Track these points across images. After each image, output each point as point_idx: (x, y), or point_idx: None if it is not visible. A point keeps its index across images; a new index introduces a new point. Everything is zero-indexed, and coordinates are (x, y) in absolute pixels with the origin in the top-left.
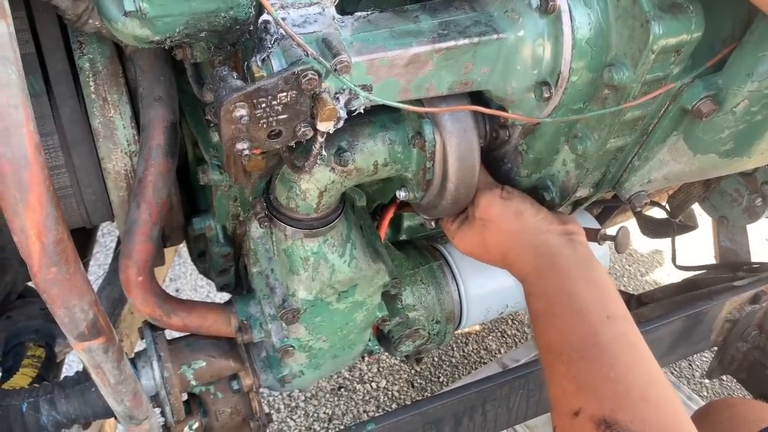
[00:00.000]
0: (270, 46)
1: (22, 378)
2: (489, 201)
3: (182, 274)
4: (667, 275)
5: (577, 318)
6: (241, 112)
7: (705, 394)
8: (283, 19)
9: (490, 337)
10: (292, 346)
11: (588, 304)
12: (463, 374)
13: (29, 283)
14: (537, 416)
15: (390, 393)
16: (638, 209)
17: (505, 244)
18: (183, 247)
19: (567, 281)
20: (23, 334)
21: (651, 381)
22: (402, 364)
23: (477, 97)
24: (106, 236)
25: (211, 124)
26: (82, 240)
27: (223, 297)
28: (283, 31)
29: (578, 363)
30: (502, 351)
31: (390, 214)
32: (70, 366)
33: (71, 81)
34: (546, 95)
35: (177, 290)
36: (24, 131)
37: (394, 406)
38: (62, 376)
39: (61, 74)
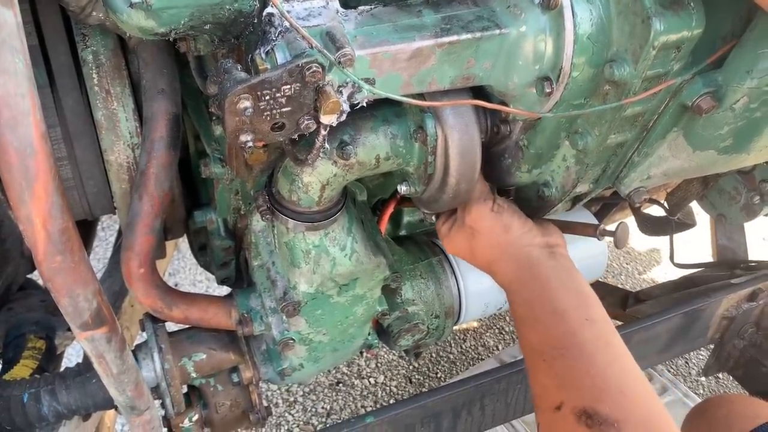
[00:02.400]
0: (274, 38)
1: (22, 369)
2: (480, 213)
3: (181, 269)
4: (664, 273)
5: (557, 320)
6: (246, 104)
7: (701, 391)
8: (288, 12)
9: (487, 334)
10: (293, 339)
11: (568, 308)
12: (460, 370)
13: (30, 276)
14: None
15: (388, 388)
16: (637, 205)
17: (490, 254)
18: (182, 242)
19: (548, 289)
20: (24, 325)
21: (628, 375)
22: (400, 360)
23: (478, 92)
24: (106, 230)
25: (214, 117)
26: (82, 233)
27: (223, 291)
28: (287, 24)
29: (559, 360)
30: (500, 347)
31: (390, 209)
32: (69, 360)
33: (74, 73)
34: (547, 90)
35: (176, 284)
36: (31, 120)
37: (392, 401)
38: (62, 369)
39: (64, 66)
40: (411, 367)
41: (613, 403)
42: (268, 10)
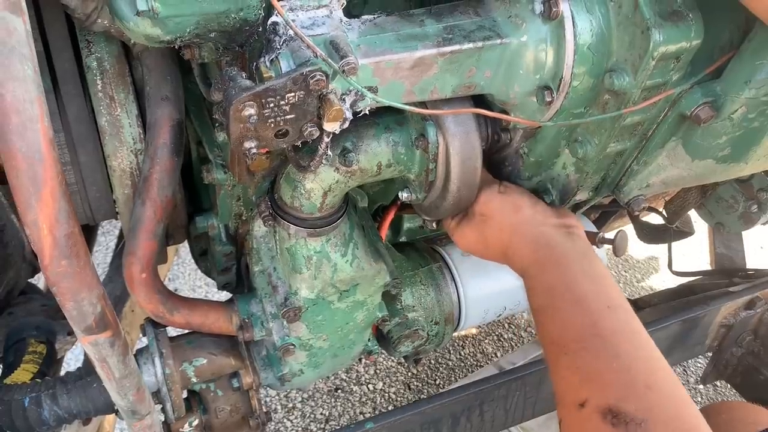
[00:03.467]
0: (279, 47)
1: (23, 373)
2: (487, 196)
3: (180, 275)
4: (662, 281)
5: (577, 309)
6: (250, 111)
7: (699, 399)
8: (292, 21)
9: (486, 341)
10: (293, 345)
11: (588, 295)
12: (459, 377)
13: (31, 280)
14: (534, 417)
15: (387, 395)
16: (636, 213)
17: (504, 238)
18: (181, 248)
19: (566, 274)
20: (25, 330)
21: (654, 368)
22: (399, 367)
23: (479, 100)
24: (106, 235)
25: (217, 124)
26: None
27: (222, 297)
28: (291, 33)
29: (581, 354)
30: (499, 354)
31: (391, 216)
32: (68, 364)
33: (78, 79)
34: (548, 99)
35: (175, 290)
36: (39, 126)
37: (390, 408)
38: (61, 373)
39: (69, 73)
40: (410, 374)
41: (639, 399)
42: (273, 19)
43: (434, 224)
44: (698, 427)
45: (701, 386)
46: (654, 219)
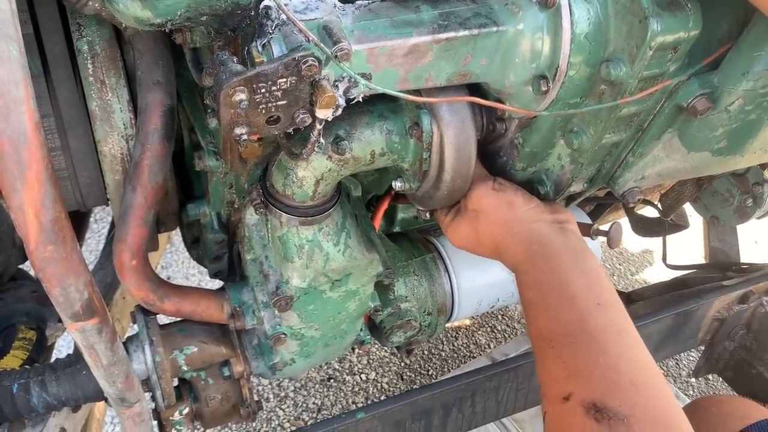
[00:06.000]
0: (271, 31)
1: (12, 360)
2: (482, 192)
3: (174, 262)
4: (657, 274)
5: (568, 305)
6: (241, 96)
7: (691, 392)
8: (285, 4)
9: (480, 332)
10: (284, 334)
11: (579, 291)
12: (452, 368)
13: (21, 266)
14: (525, 409)
15: (379, 385)
16: (631, 205)
17: (497, 234)
18: (175, 235)
19: (558, 269)
20: (15, 316)
21: (640, 367)
22: (392, 357)
23: (475, 90)
24: (99, 222)
25: (209, 110)
26: (75, 224)
27: (215, 285)
28: (284, 17)
29: (569, 348)
30: (492, 346)
31: (385, 205)
32: (60, 351)
33: (69, 63)
34: (543, 89)
35: (168, 278)
36: (24, 109)
37: (383, 398)
38: (52, 360)
39: (59, 56)
40: (402, 364)
41: (623, 396)
42: (266, 2)
43: (427, 214)
44: (681, 426)
45: (693, 379)
46: (649, 212)
